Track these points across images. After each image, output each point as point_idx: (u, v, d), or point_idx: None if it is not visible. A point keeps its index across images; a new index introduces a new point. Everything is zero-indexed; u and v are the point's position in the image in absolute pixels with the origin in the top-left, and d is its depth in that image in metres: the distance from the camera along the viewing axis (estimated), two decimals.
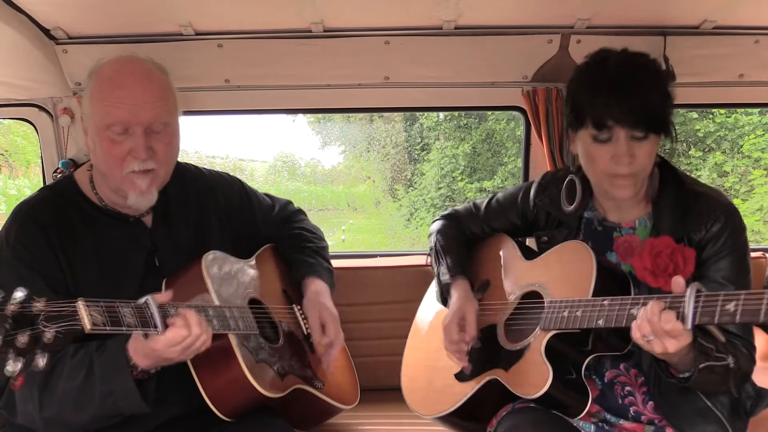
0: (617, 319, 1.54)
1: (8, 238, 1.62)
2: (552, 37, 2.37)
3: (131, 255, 1.73)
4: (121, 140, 1.60)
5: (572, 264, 1.75)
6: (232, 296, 1.77)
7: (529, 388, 1.67)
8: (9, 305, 1.14)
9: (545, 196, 1.93)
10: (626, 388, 1.74)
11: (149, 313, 1.39)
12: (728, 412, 1.65)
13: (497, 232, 2.08)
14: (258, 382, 1.63)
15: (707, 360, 1.48)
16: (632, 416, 1.70)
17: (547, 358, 1.66)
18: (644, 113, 1.59)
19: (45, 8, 2.16)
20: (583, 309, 1.62)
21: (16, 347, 1.13)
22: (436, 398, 1.96)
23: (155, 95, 1.63)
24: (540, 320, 1.74)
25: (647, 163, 1.65)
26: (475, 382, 1.86)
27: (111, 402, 1.47)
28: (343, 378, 2.16)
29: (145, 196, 1.66)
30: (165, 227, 1.81)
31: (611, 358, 1.75)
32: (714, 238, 1.65)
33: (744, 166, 9.60)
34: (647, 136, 1.61)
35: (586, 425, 1.70)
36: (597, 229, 1.83)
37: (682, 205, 1.69)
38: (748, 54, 2.37)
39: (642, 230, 1.76)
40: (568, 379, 1.66)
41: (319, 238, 2.19)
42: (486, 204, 2.09)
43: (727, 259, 1.64)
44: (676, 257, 1.64)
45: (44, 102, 2.52)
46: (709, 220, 1.65)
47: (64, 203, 1.70)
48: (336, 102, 2.59)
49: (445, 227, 2.11)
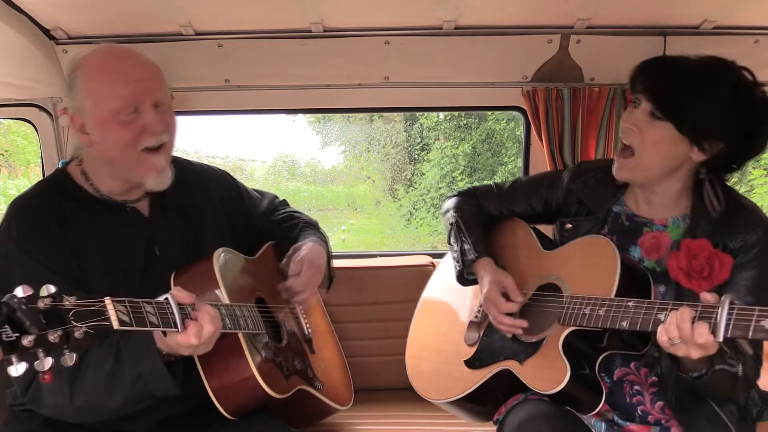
0: (643, 322, 1.51)
1: (10, 232, 1.61)
2: (552, 37, 2.37)
3: (131, 244, 1.72)
4: (132, 119, 1.61)
5: (594, 259, 1.73)
6: (241, 294, 1.77)
7: (545, 383, 1.65)
8: (40, 301, 1.13)
9: (581, 182, 1.89)
10: (635, 387, 1.72)
11: (170, 311, 1.39)
12: (736, 419, 1.64)
13: (514, 216, 2.02)
14: (265, 382, 1.63)
15: (722, 363, 1.48)
16: (639, 416, 1.70)
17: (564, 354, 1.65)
18: (668, 93, 1.61)
19: (45, 8, 2.16)
20: (606, 308, 1.59)
21: (47, 344, 1.12)
22: (444, 383, 1.93)
23: (152, 70, 1.67)
24: (558, 314, 1.71)
25: (651, 149, 1.64)
26: (486, 371, 1.83)
27: (141, 385, 1.47)
28: (339, 379, 2.17)
29: (162, 175, 1.68)
30: (161, 216, 1.80)
31: (622, 356, 1.74)
32: (747, 248, 1.63)
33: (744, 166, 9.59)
34: (662, 118, 1.61)
35: (597, 423, 1.70)
36: (624, 223, 1.81)
37: (722, 212, 1.67)
38: (748, 54, 2.36)
39: (674, 229, 1.74)
40: (581, 375, 1.64)
41: (309, 218, 2.20)
42: (509, 185, 2.04)
43: (754, 271, 1.62)
44: (713, 261, 1.63)
45: (44, 102, 2.52)
46: (748, 231, 1.64)
47: (60, 194, 1.69)
48: (336, 102, 2.59)
49: (463, 203, 2.02)
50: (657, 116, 1.62)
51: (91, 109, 1.61)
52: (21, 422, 1.66)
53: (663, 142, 1.63)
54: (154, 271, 1.70)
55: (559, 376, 1.61)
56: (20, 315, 1.10)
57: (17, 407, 1.69)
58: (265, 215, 2.16)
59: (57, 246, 1.60)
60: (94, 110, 1.61)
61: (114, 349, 1.49)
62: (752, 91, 1.62)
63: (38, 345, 1.11)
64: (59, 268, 1.57)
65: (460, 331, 1.99)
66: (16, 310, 1.10)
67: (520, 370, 1.74)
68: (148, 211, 1.79)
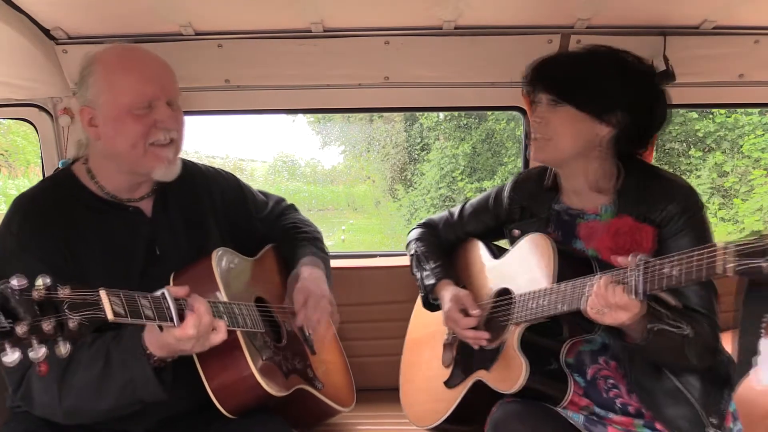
0: (573, 301, 1.60)
1: (11, 228, 1.62)
2: (552, 37, 2.37)
3: (132, 243, 1.73)
4: (145, 113, 1.64)
5: (534, 256, 1.80)
6: (240, 294, 1.78)
7: (507, 384, 1.70)
8: (34, 291, 1.13)
9: (521, 190, 2.01)
10: (610, 381, 1.76)
11: (166, 305, 1.39)
12: (699, 394, 1.66)
13: (471, 236, 2.14)
14: (264, 380, 1.64)
15: (659, 323, 1.53)
16: (619, 408, 1.72)
17: (523, 352, 1.71)
18: (561, 80, 1.74)
19: (45, 8, 2.16)
20: (545, 297, 1.68)
21: (41, 333, 1.13)
22: (432, 408, 2.01)
23: (168, 71, 1.73)
24: (511, 316, 1.80)
25: (560, 131, 1.74)
26: (462, 386, 1.90)
27: (130, 390, 1.48)
28: (340, 380, 2.17)
29: (171, 167, 1.71)
30: (164, 216, 1.81)
31: (589, 354, 1.79)
32: (672, 217, 1.69)
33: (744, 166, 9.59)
34: (561, 102, 1.73)
35: (575, 416, 1.72)
36: (564, 219, 1.88)
37: (642, 189, 1.75)
38: (748, 54, 2.37)
39: (607, 216, 1.80)
40: (548, 369, 1.70)
41: (314, 230, 2.21)
42: (459, 210, 2.18)
43: (687, 236, 1.68)
44: (636, 235, 1.71)
45: (44, 102, 2.52)
46: (666, 201, 1.70)
47: (63, 194, 1.71)
48: (336, 102, 2.59)
49: (423, 234, 2.19)
50: (557, 102, 1.74)
51: (105, 102, 1.63)
52: (21, 422, 1.66)
53: (567, 122, 1.73)
54: (154, 271, 1.71)
55: (517, 374, 1.67)
56: (14, 304, 1.11)
57: (17, 408, 1.70)
58: (269, 219, 2.17)
59: (57, 244, 1.61)
60: (108, 103, 1.63)
61: (104, 350, 1.50)
62: (637, 63, 1.76)
63: (32, 334, 1.12)
64: (57, 266, 1.58)
65: (438, 354, 2.08)
66: (10, 299, 1.10)
67: (487, 376, 1.80)
68: (151, 211, 1.80)
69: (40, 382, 1.50)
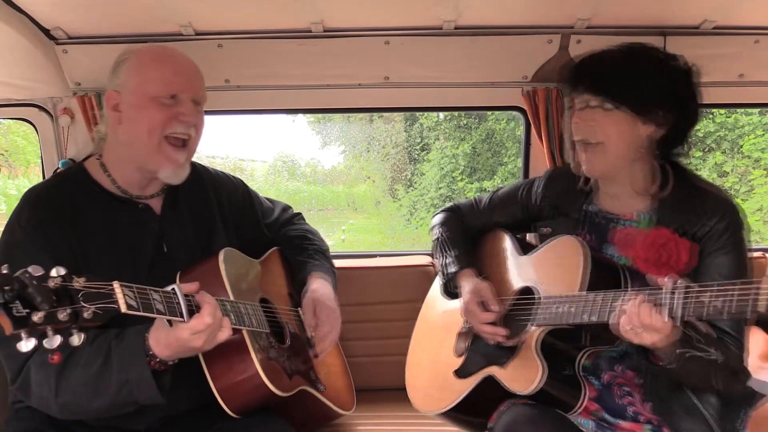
0: (601, 313, 1.56)
1: (20, 220, 1.63)
2: (552, 37, 2.37)
3: (140, 239, 1.74)
4: (170, 104, 1.69)
5: (563, 258, 1.76)
6: (245, 294, 1.79)
7: (522, 384, 1.68)
8: (50, 280, 1.13)
9: (554, 187, 1.96)
10: (624, 389, 1.74)
11: (176, 300, 1.40)
12: (716, 413, 1.64)
13: (498, 227, 2.09)
14: (269, 379, 1.64)
15: (688, 348, 1.49)
16: (630, 416, 1.70)
17: (542, 354, 1.68)
18: (611, 83, 1.66)
19: (45, 8, 2.16)
20: (572, 304, 1.63)
21: (56, 322, 1.13)
22: (438, 395, 1.97)
23: (199, 73, 1.79)
24: (532, 317, 1.76)
25: (617, 138, 1.68)
26: (473, 378, 1.86)
27: (127, 391, 1.48)
28: (341, 383, 2.17)
29: (179, 170, 1.74)
30: (172, 215, 1.83)
31: (606, 360, 1.76)
32: (714, 234, 1.65)
33: (744, 166, 9.59)
34: (614, 107, 1.66)
35: (586, 422, 1.70)
36: (597, 221, 1.84)
37: (683, 199, 1.70)
38: (748, 54, 2.37)
39: (645, 224, 1.76)
40: (563, 375, 1.67)
41: (320, 240, 2.24)
42: (488, 199, 2.13)
43: (728, 256, 1.64)
44: (673, 249, 1.66)
45: (44, 102, 2.52)
46: (708, 215, 1.65)
47: (73, 188, 1.72)
48: (336, 102, 2.59)
49: (448, 220, 2.14)
50: (608, 108, 1.68)
51: (134, 87, 1.68)
52: (23, 419, 1.67)
53: (618, 124, 1.68)
54: (160, 268, 1.72)
55: (533, 376, 1.65)
56: (31, 291, 1.10)
57: (19, 405, 1.70)
58: (275, 226, 2.19)
59: (65, 238, 1.62)
60: (137, 88, 1.67)
61: (105, 348, 1.50)
62: (672, 59, 1.70)
63: (48, 322, 1.11)
64: (65, 259, 1.58)
65: (450, 342, 2.04)
66: (28, 286, 1.10)
67: (500, 374, 1.77)
68: (161, 209, 1.81)
69: (39, 374, 1.50)
